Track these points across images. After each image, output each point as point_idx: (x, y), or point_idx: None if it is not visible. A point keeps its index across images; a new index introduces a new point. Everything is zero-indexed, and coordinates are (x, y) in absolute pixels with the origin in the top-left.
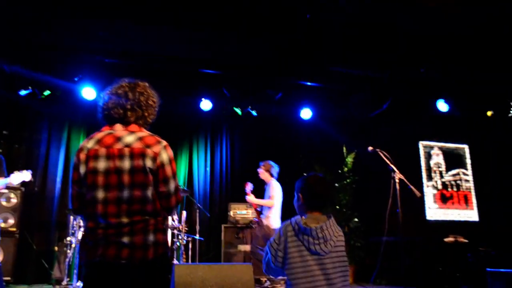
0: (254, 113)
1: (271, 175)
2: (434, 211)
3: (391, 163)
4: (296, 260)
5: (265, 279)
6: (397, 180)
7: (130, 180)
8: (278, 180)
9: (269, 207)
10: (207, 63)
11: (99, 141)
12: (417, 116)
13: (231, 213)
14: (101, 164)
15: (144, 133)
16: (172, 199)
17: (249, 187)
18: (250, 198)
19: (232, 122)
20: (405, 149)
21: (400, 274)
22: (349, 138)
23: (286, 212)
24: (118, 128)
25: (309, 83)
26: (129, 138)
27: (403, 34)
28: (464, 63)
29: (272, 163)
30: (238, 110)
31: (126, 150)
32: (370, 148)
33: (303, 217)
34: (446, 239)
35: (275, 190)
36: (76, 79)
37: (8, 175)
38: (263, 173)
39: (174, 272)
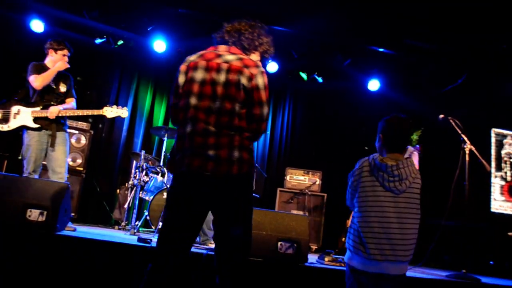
0: (319, 79)
1: None
2: (499, 203)
3: (463, 133)
4: (369, 194)
5: None
6: (467, 152)
7: (223, 92)
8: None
9: None
10: (277, 20)
11: (201, 55)
12: (493, 100)
13: (288, 177)
14: (199, 75)
15: (245, 56)
16: (262, 124)
17: None
18: None
19: (296, 88)
20: (475, 135)
21: (454, 259)
22: (416, 115)
23: None
24: (222, 49)
25: (380, 49)
26: (230, 57)
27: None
28: None
29: None
30: (304, 75)
31: (225, 65)
32: (441, 116)
33: (382, 156)
34: (510, 233)
35: None
36: (149, 29)
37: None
38: None
39: None
